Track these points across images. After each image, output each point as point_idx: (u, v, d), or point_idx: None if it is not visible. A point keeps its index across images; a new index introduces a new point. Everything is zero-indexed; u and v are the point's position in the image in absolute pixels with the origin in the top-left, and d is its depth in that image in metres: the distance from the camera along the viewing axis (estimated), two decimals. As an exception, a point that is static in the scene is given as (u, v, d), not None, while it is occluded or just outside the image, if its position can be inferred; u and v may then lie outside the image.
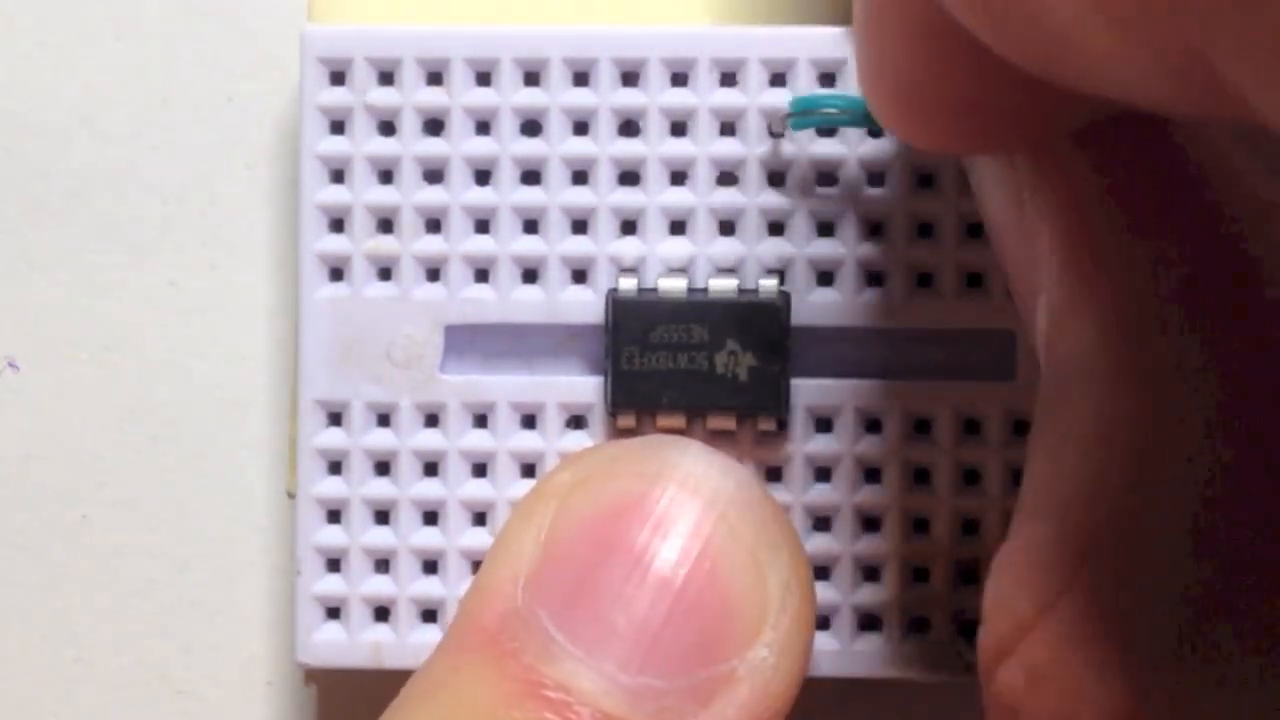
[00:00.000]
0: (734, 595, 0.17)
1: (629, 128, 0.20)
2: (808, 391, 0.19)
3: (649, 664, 0.17)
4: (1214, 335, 0.14)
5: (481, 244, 0.20)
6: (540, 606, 0.17)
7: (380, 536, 0.20)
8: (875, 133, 0.19)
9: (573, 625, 0.17)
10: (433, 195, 0.20)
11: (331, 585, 0.20)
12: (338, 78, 0.20)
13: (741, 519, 0.18)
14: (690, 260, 0.20)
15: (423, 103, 0.20)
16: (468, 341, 0.20)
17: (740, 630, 0.17)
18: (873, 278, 0.19)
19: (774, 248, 0.19)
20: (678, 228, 0.20)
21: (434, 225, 0.20)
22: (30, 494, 0.23)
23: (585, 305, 0.20)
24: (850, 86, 0.19)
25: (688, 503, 0.17)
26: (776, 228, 0.19)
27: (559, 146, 0.20)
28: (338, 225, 0.20)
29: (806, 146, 0.19)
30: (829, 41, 0.19)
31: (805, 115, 0.19)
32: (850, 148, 0.19)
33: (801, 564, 0.18)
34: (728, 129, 0.20)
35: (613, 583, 0.17)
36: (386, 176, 0.20)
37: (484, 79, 0.20)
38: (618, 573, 0.17)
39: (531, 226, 0.20)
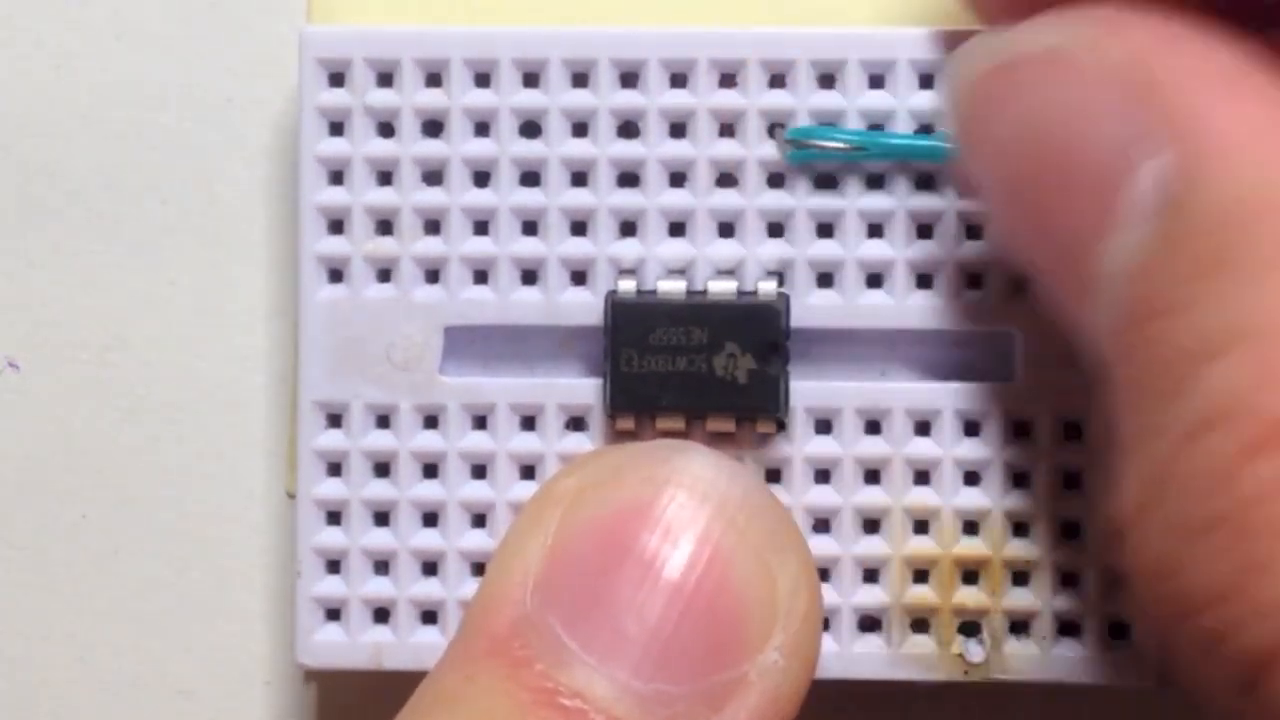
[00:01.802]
0: (744, 599, 0.17)
1: (628, 129, 0.19)
2: (807, 393, 0.19)
3: (662, 670, 0.17)
4: None
5: (481, 245, 0.19)
6: (551, 613, 0.17)
7: (380, 538, 0.20)
8: (873, 159, 0.19)
9: (585, 632, 0.17)
10: (432, 197, 0.19)
11: (331, 587, 0.20)
12: (337, 79, 0.20)
13: (750, 523, 0.17)
14: (690, 262, 0.19)
15: (422, 104, 0.19)
16: (467, 343, 0.20)
17: (751, 634, 0.17)
18: (872, 278, 0.19)
19: (773, 249, 0.19)
20: (677, 229, 0.19)
21: (433, 227, 0.20)
22: (30, 494, 0.23)
23: (584, 307, 0.19)
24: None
25: (696, 508, 0.17)
26: (776, 229, 0.19)
27: (558, 148, 0.19)
28: (337, 226, 0.20)
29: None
30: (829, 42, 0.19)
31: (802, 146, 0.19)
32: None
33: (809, 567, 0.18)
34: (727, 130, 0.19)
35: (623, 588, 0.17)
36: (386, 178, 0.20)
37: (483, 80, 0.19)
38: (628, 578, 0.17)
39: (531, 228, 0.19)
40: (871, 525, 0.19)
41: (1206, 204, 0.14)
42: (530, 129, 0.19)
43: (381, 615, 0.20)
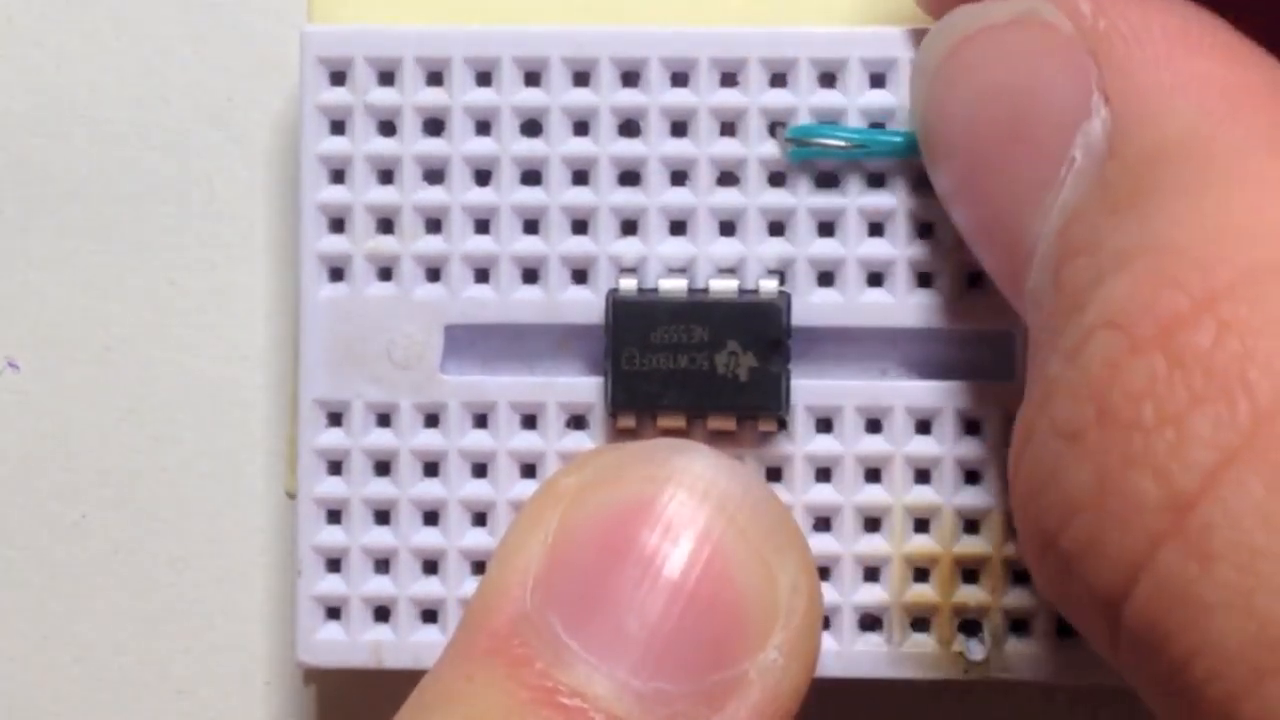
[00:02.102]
0: (744, 598, 0.17)
1: (629, 128, 0.19)
2: (808, 391, 0.19)
3: (662, 668, 0.17)
4: None
5: (482, 244, 0.19)
6: (551, 611, 0.17)
7: (380, 537, 0.20)
8: (874, 156, 0.19)
9: (585, 630, 0.17)
10: (433, 195, 0.19)
11: (332, 585, 0.20)
12: (338, 77, 0.19)
13: (750, 522, 0.17)
14: (691, 260, 0.19)
15: (423, 102, 0.19)
16: (468, 342, 0.20)
17: (751, 633, 0.17)
18: (873, 277, 0.19)
19: (774, 248, 0.19)
20: (678, 228, 0.19)
21: (434, 225, 0.19)
22: (30, 494, 0.22)
23: (585, 305, 0.19)
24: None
25: (696, 506, 0.17)
26: (777, 228, 0.19)
27: (559, 146, 0.19)
28: (338, 225, 0.20)
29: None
30: (829, 41, 0.19)
31: (803, 144, 0.19)
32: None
33: (809, 565, 0.18)
34: (728, 129, 0.19)
35: (623, 587, 0.17)
36: (387, 176, 0.19)
37: (484, 79, 0.19)
38: (628, 577, 0.17)
39: (532, 226, 0.19)
40: (872, 524, 0.19)
41: (1132, 152, 0.15)
42: (531, 128, 0.19)
43: (382, 614, 0.20)
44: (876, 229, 0.19)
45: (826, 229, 0.19)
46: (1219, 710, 0.13)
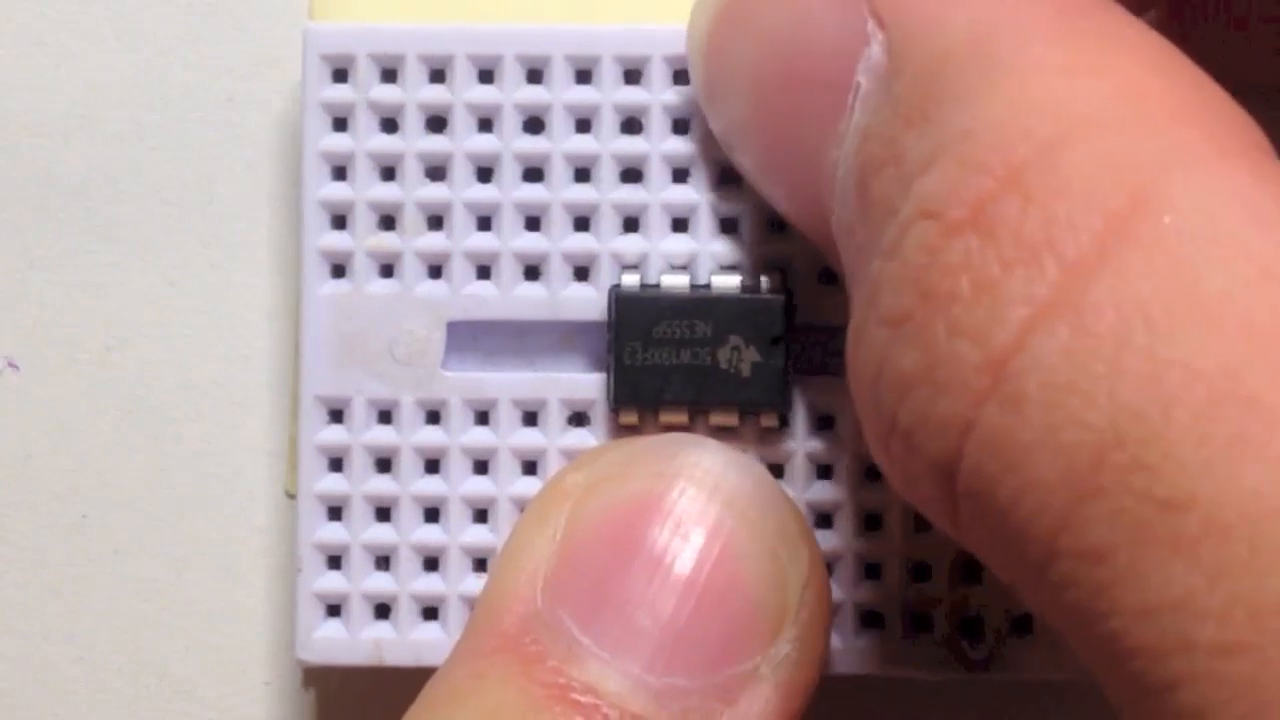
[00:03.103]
0: (756, 593, 0.17)
1: (631, 125, 0.19)
2: (810, 388, 0.19)
3: (675, 664, 0.17)
4: None
5: (484, 241, 0.19)
6: (563, 609, 0.17)
7: (381, 533, 0.19)
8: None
9: (597, 627, 0.17)
10: (435, 192, 0.19)
11: (332, 582, 0.20)
12: (340, 75, 0.19)
13: (761, 516, 0.17)
14: (693, 257, 0.19)
15: (425, 100, 0.19)
16: (470, 338, 0.20)
17: (763, 627, 0.17)
18: (874, 275, 0.19)
19: (776, 244, 0.19)
20: (680, 224, 0.19)
21: (436, 222, 0.19)
22: (30, 494, 0.22)
23: (587, 302, 0.19)
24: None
25: (706, 501, 0.17)
26: (778, 224, 0.19)
27: (561, 143, 0.19)
28: (340, 222, 0.19)
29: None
30: (830, 39, 0.19)
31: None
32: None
33: (819, 559, 0.18)
34: (729, 126, 0.19)
35: (635, 583, 0.17)
36: (389, 173, 0.19)
37: (486, 76, 0.19)
38: (639, 573, 0.17)
39: (534, 223, 0.19)
40: (873, 521, 0.19)
41: (915, 65, 0.15)
42: (533, 125, 0.19)
43: (382, 611, 0.19)
44: (878, 226, 0.19)
45: (828, 226, 0.19)
46: (1042, 547, 0.13)
